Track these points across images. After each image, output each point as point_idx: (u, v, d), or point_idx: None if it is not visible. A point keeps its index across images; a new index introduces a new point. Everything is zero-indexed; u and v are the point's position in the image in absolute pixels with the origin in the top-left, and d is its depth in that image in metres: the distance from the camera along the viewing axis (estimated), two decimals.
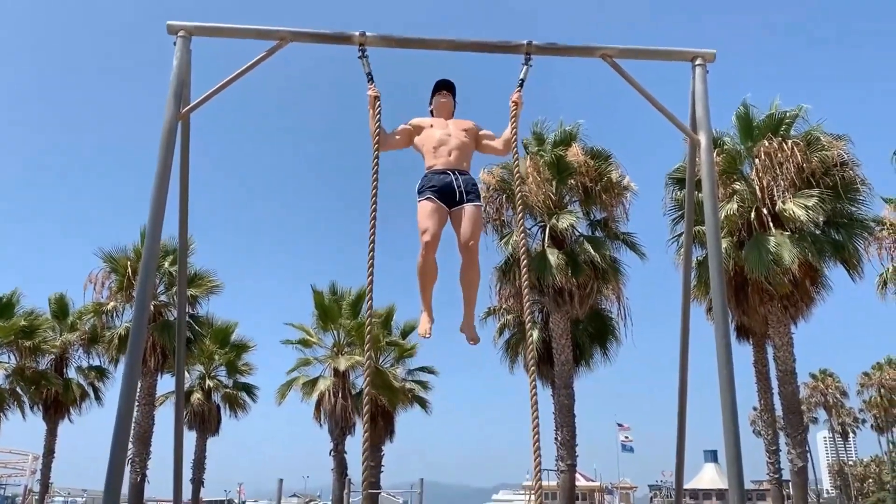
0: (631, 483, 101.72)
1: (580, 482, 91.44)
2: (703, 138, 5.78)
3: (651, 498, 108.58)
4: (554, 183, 20.46)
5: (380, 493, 23.80)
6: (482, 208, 4.84)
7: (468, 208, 4.80)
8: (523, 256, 5.18)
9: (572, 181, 20.25)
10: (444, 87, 5.33)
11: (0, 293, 23.80)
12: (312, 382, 21.31)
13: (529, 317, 23.28)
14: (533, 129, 21.31)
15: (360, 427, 22.53)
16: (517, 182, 17.17)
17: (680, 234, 19.92)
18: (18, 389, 23.32)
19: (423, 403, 24.24)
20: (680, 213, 20.11)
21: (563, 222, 19.51)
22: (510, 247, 19.93)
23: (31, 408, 24.08)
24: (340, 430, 20.51)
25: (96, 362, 25.03)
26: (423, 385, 24.56)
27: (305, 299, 22.82)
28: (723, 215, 18.10)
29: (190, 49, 5.58)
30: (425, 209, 4.76)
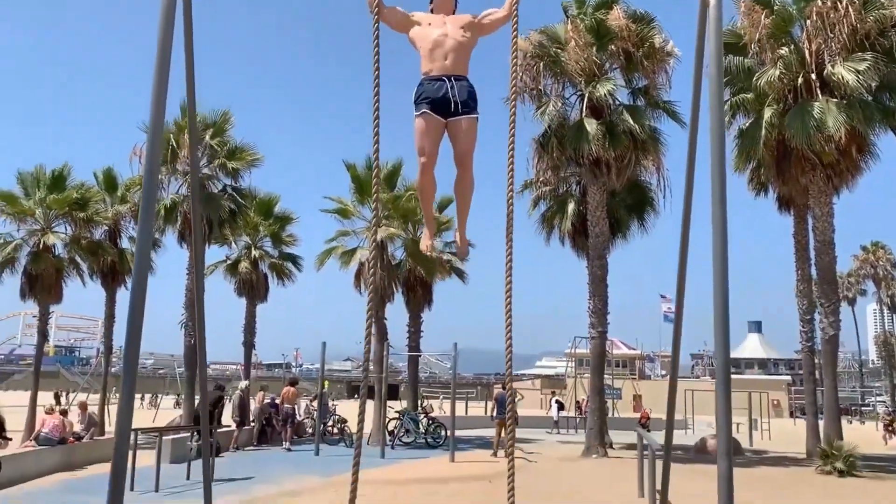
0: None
1: (622, 350, 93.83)
2: None
3: (692, 366, 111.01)
4: (594, 48, 19.79)
5: (419, 355, 24.92)
6: (477, 119, 4.70)
7: (464, 122, 4.65)
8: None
9: (613, 47, 19.53)
10: None
11: (51, 167, 24.65)
12: (351, 252, 21.95)
13: (565, 189, 23.25)
14: None
15: (399, 296, 23.36)
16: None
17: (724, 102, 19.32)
18: (77, 258, 24.53)
19: (460, 274, 24.88)
20: (726, 79, 19.42)
21: (602, 89, 18.97)
22: (546, 117, 19.61)
23: (91, 276, 25.34)
24: (380, 299, 21.27)
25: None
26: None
27: (344, 176, 23.11)
28: (764, 81, 17.41)
29: None
30: (420, 128, 4.65)
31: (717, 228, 5.50)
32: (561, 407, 32.79)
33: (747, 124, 19.20)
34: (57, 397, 31.14)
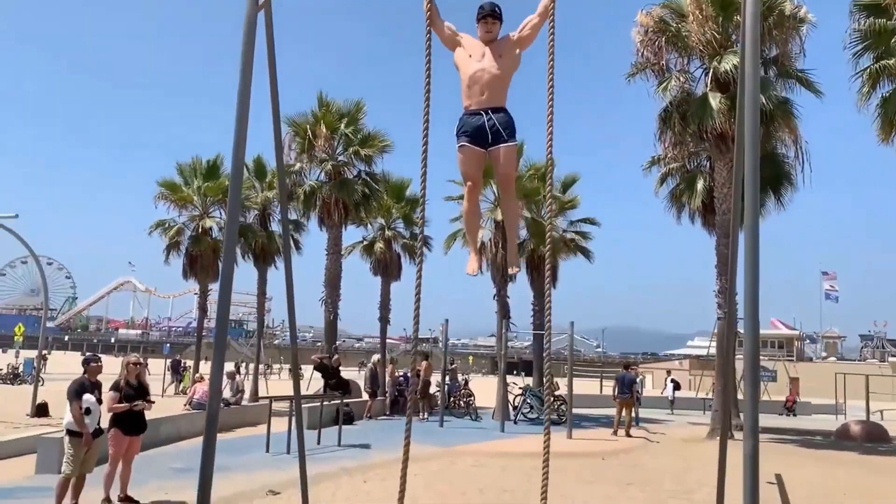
0: (838, 332, 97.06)
1: (780, 330, 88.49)
2: None
3: (861, 348, 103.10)
4: (719, 20, 19.11)
5: (543, 333, 25.20)
6: (516, 146, 5.04)
7: (502, 150, 4.92)
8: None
9: (738, 17, 18.72)
10: (490, 13, 5.11)
11: (206, 158, 27.18)
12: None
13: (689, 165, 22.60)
14: None
15: (520, 275, 23.76)
16: None
17: (862, 71, 18.07)
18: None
19: (585, 253, 24.91)
20: (864, 45, 18.17)
21: (727, 63, 18.33)
22: (668, 93, 19.22)
23: (244, 256, 27.73)
24: (502, 277, 21.83)
25: (293, 217, 27.81)
26: (584, 235, 25.15)
27: None
28: None
29: None
30: (461, 159, 5.01)
31: (750, 225, 5.64)
32: (677, 387, 31.95)
33: (889, 91, 17.84)
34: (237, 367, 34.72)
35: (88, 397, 8.47)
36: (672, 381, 32.49)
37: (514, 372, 54.25)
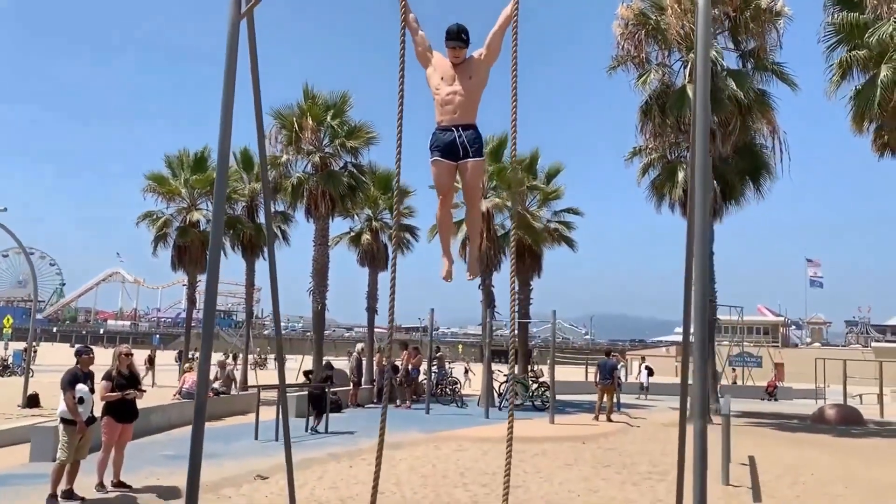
0: (823, 318, 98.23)
1: (766, 317, 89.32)
2: None
3: (846, 334, 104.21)
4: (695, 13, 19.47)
5: (528, 322, 25.71)
6: (483, 161, 5.44)
7: (470, 164, 5.29)
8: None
9: (715, 11, 19.12)
10: (457, 39, 5.39)
11: (193, 150, 27.39)
12: (458, 224, 22.90)
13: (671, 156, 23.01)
14: None
15: (505, 265, 24.15)
16: None
17: (834, 64, 18.49)
18: None
19: (569, 242, 25.33)
20: (838, 38, 18.60)
21: None
22: (647, 86, 19.60)
23: (232, 248, 28.00)
24: (487, 267, 22.21)
25: (281, 208, 28.01)
26: (568, 225, 25.55)
27: None
28: (875, 38, 16.58)
29: None
30: (435, 172, 5.36)
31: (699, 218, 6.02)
32: (650, 373, 32.55)
33: (862, 84, 18.29)
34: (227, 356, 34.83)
35: (81, 387, 8.80)
36: (646, 367, 33.10)
37: (502, 360, 54.82)
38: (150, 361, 31.53)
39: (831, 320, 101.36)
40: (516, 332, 6.20)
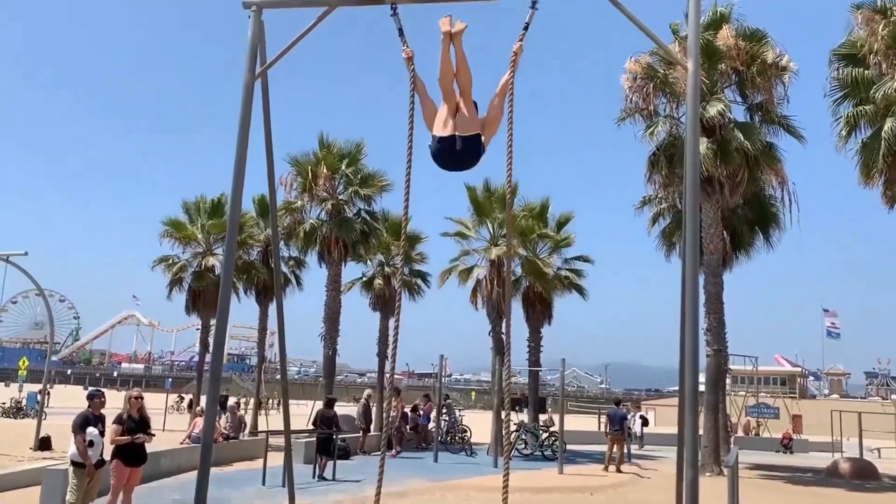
0: (842, 369, 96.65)
1: (783, 367, 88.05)
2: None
3: (865, 386, 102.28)
4: (705, 67, 19.85)
5: (539, 370, 25.66)
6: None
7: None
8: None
9: (722, 66, 19.55)
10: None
11: (211, 196, 27.99)
12: (468, 270, 23.11)
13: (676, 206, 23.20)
14: (685, 11, 20.56)
15: (515, 311, 24.26)
16: None
17: (841, 118, 18.76)
18: (233, 277, 27.61)
19: (580, 290, 25.42)
20: (843, 93, 18.90)
21: (711, 110, 19.04)
22: (654, 137, 19.95)
23: (245, 292, 28.33)
24: (497, 314, 22.31)
25: (294, 254, 28.36)
26: (578, 273, 25.64)
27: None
28: (881, 94, 16.86)
29: (262, 20, 6.88)
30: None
31: (690, 268, 6.22)
32: (645, 423, 32.13)
33: (868, 137, 18.51)
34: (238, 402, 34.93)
35: (92, 430, 8.97)
36: (641, 416, 32.73)
37: (517, 408, 54.35)
38: (190, 405, 31.62)
39: (850, 371, 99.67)
40: (514, 380, 6.33)
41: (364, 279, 28.53)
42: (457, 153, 5.75)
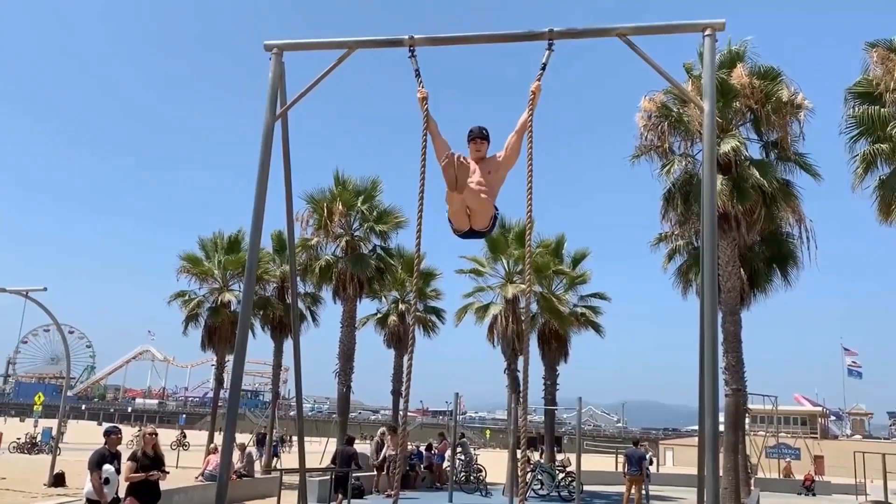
0: (865, 409, 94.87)
1: (804, 406, 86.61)
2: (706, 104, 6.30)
3: (889, 426, 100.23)
4: (719, 105, 19.94)
5: (555, 409, 25.38)
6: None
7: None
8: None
9: (737, 104, 19.61)
10: (479, 136, 5.88)
11: (228, 233, 28.21)
12: (484, 308, 23.03)
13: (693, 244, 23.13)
14: (699, 50, 20.72)
15: (530, 349, 24.07)
16: None
17: (855, 156, 18.70)
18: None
19: (596, 327, 25.26)
20: (860, 130, 18.85)
21: (725, 146, 19.05)
22: (669, 175, 19.95)
23: (262, 328, 28.37)
24: (512, 351, 22.18)
25: (310, 290, 28.43)
26: (595, 310, 25.51)
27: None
28: None
29: (283, 62, 7.02)
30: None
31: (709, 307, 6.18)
32: (648, 462, 31.47)
33: (886, 175, 18.41)
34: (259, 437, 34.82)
35: (108, 467, 8.95)
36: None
37: (533, 447, 53.65)
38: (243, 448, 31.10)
39: (872, 410, 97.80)
40: (529, 418, 6.28)
41: (378, 315, 28.51)
42: (475, 235, 6.06)
